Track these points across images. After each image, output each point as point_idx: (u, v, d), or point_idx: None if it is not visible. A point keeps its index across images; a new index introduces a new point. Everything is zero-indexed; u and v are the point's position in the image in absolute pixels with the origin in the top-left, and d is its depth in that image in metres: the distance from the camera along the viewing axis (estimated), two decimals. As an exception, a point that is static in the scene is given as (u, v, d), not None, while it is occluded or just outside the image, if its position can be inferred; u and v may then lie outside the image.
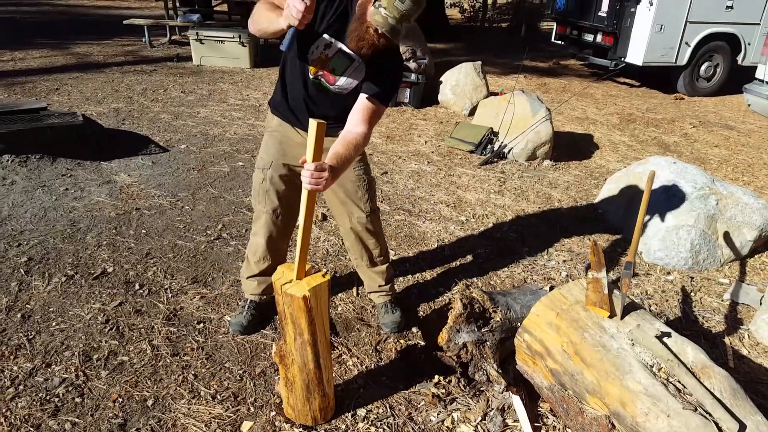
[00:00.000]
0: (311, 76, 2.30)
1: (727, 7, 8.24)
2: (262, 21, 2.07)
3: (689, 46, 8.31)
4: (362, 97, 2.22)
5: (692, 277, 3.59)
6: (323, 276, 2.05)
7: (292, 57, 2.32)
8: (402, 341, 2.80)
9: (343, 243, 3.51)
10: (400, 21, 1.93)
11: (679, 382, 1.88)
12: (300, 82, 2.35)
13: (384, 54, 2.12)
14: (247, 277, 2.80)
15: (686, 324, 3.12)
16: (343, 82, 2.30)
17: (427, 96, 7.20)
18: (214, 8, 11.21)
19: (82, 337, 2.66)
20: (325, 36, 2.19)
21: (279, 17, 1.94)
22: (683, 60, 8.40)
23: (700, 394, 1.81)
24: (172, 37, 9.92)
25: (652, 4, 7.80)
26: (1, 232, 3.46)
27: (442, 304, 3.12)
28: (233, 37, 8.19)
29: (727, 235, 3.72)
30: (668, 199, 3.81)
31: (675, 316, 3.18)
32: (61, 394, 2.33)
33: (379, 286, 2.89)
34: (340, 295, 3.15)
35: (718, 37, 8.51)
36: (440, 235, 3.90)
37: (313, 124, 1.84)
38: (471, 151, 5.53)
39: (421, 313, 3.05)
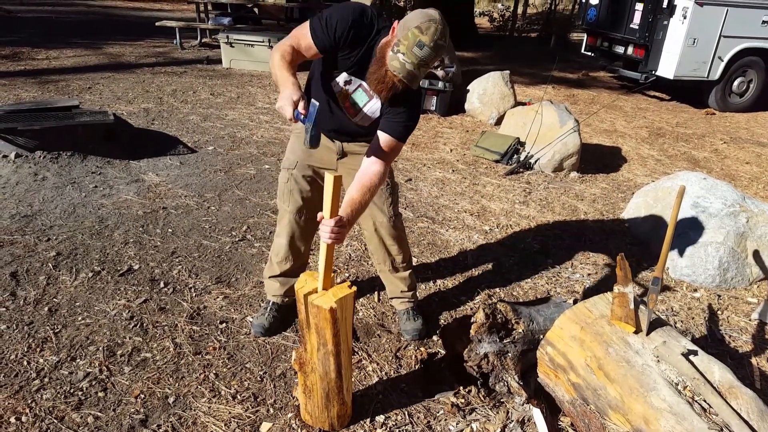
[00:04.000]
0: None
1: (764, 22, 8.09)
2: (273, 73, 2.11)
3: (722, 61, 8.18)
4: (380, 134, 2.20)
5: (719, 295, 3.53)
6: (349, 287, 2.05)
7: (317, 79, 2.35)
8: (422, 349, 2.79)
9: (365, 248, 3.51)
10: (419, 67, 1.93)
11: (705, 401, 1.84)
12: (324, 102, 2.37)
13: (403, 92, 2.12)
14: (270, 277, 2.82)
15: (712, 342, 3.06)
16: (361, 116, 2.34)
17: (453, 104, 7.19)
18: (250, 13, 11.34)
19: (107, 332, 2.70)
20: (346, 74, 2.22)
21: (284, 84, 1.99)
22: (716, 75, 8.27)
23: (726, 414, 1.77)
24: (203, 40, 10.05)
25: (685, 18, 7.70)
26: (31, 226, 3.53)
27: (463, 313, 3.10)
28: (263, 41, 8.27)
29: (756, 254, 3.64)
30: (697, 215, 3.75)
31: (701, 334, 3.13)
32: (84, 388, 2.36)
33: (402, 292, 2.89)
34: (361, 300, 3.15)
35: (753, 52, 8.36)
36: (463, 244, 3.88)
37: (329, 178, 1.86)
38: (497, 161, 5.51)
39: (443, 321, 3.04)
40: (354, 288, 2.06)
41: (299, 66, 2.18)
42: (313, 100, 1.94)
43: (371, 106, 2.30)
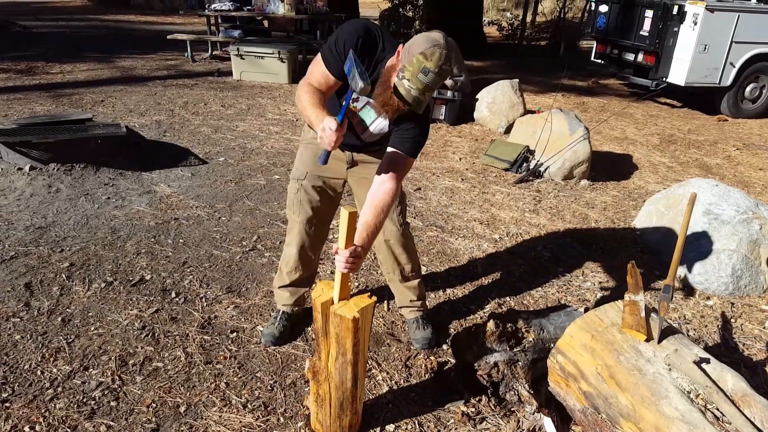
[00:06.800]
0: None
1: (775, 27, 8.06)
2: (304, 115, 2.15)
3: (734, 67, 8.12)
4: (390, 152, 2.21)
5: (733, 303, 3.49)
6: (369, 297, 2.06)
7: (330, 97, 2.35)
8: (432, 358, 2.79)
9: (374, 257, 3.52)
10: (424, 92, 1.94)
11: (718, 409, 1.82)
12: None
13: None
14: (279, 287, 2.84)
15: (726, 351, 3.03)
16: (369, 133, 2.37)
17: (462, 113, 7.20)
18: (260, 25, 11.43)
19: (119, 342, 2.72)
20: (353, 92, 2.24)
21: (318, 119, 2.00)
22: (727, 81, 8.21)
23: (739, 423, 1.76)
24: (214, 53, 10.14)
25: (696, 24, 7.67)
26: (45, 237, 3.57)
27: (473, 322, 3.09)
28: (273, 53, 8.34)
29: (770, 261, 3.61)
30: (709, 222, 3.73)
31: (714, 342, 3.10)
32: (97, 397, 2.38)
33: (411, 301, 2.89)
34: (371, 309, 3.15)
35: (765, 58, 8.30)
36: (473, 253, 3.87)
37: (344, 213, 1.91)
38: (506, 169, 5.51)
39: (452, 330, 3.03)
40: (374, 298, 2.07)
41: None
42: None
43: (379, 123, 2.32)
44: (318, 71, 2.19)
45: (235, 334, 2.86)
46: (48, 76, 7.89)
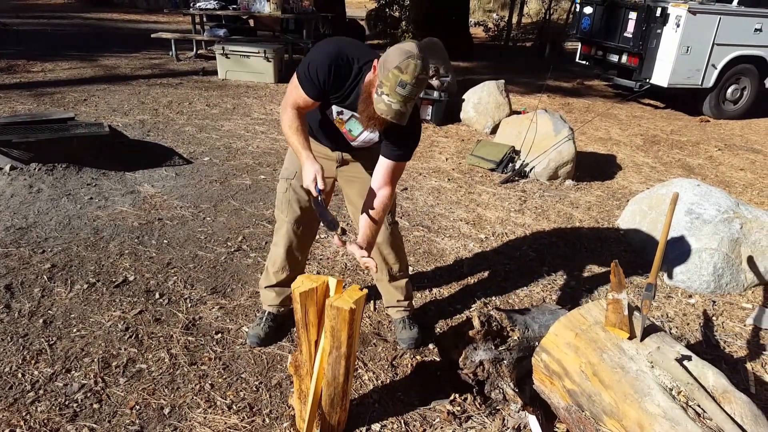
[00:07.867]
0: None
1: (756, 30, 8.15)
2: (288, 141, 2.27)
3: (716, 69, 8.22)
4: (383, 160, 2.27)
5: (714, 301, 3.53)
6: (360, 290, 2.07)
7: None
8: (418, 357, 2.79)
9: (361, 257, 3.51)
10: (405, 104, 1.96)
11: (699, 406, 1.85)
12: (323, 122, 2.40)
13: None
14: (266, 287, 2.83)
15: (707, 348, 3.06)
16: (360, 140, 2.39)
17: (448, 114, 7.21)
18: (245, 24, 11.40)
19: (102, 343, 2.69)
20: (336, 106, 2.27)
21: (300, 152, 2.19)
22: (709, 82, 8.31)
23: (720, 419, 1.78)
24: (199, 52, 10.08)
25: (678, 26, 7.76)
26: (26, 238, 3.53)
27: (459, 321, 3.10)
28: (258, 53, 8.31)
29: (751, 260, 3.66)
30: (691, 221, 3.77)
31: (696, 340, 3.13)
32: (79, 400, 2.36)
33: (398, 301, 2.89)
34: (357, 309, 3.15)
35: (746, 60, 8.41)
36: (459, 252, 3.89)
37: (333, 281, 2.04)
38: (492, 170, 5.53)
39: (438, 329, 3.04)
40: (365, 291, 2.08)
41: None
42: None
43: (368, 133, 2.32)
44: (297, 94, 2.22)
45: (220, 335, 2.84)
46: (29, 74, 7.80)
